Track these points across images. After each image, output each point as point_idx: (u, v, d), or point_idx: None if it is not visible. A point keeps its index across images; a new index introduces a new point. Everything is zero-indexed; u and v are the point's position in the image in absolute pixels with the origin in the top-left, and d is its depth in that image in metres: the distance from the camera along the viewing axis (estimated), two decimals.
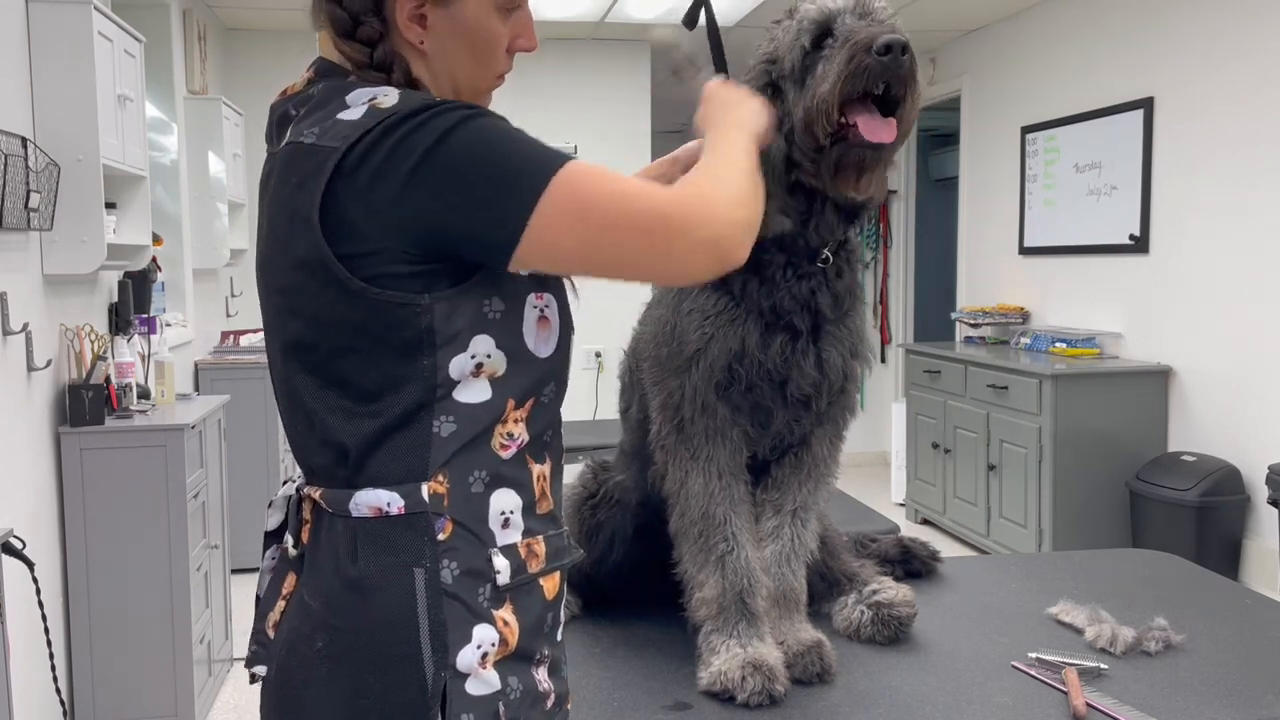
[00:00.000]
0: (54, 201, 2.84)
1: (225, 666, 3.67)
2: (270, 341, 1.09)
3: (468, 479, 1.03)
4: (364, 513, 1.01)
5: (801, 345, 1.41)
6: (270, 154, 1.10)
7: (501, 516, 1.04)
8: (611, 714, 1.33)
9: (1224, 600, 1.73)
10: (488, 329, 1.02)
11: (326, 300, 0.99)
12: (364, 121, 0.98)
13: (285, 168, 1.03)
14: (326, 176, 0.97)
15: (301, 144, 1.01)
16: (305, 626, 1.03)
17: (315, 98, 1.05)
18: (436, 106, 0.98)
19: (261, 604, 1.12)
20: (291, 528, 1.10)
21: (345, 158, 0.97)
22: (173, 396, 3.57)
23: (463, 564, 1.01)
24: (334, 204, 0.97)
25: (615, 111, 6.15)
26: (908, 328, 7.10)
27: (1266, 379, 4.05)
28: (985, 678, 1.42)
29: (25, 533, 2.65)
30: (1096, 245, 4.97)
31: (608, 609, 1.66)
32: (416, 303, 0.98)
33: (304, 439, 1.07)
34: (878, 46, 1.23)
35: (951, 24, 5.82)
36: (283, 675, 1.04)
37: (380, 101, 1.00)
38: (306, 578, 1.05)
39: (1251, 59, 4.07)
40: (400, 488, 1.01)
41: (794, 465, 1.50)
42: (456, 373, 1.01)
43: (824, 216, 1.39)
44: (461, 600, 1.00)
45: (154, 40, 4.26)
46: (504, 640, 1.02)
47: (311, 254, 0.99)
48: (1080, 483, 4.49)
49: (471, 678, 0.99)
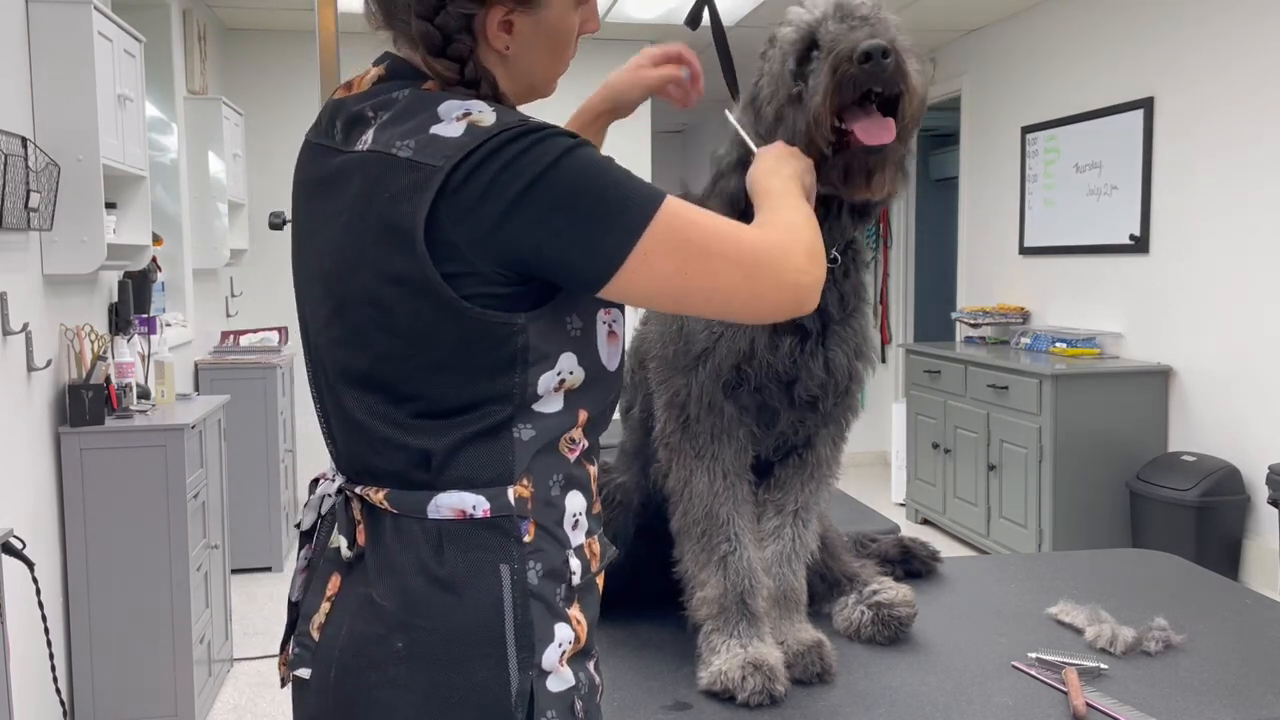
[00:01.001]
0: (54, 201, 2.85)
1: (225, 666, 3.67)
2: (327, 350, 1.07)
3: (548, 482, 1.05)
4: (445, 515, 1.02)
5: (810, 346, 1.41)
6: (325, 148, 1.08)
7: (573, 518, 1.08)
8: (611, 714, 1.33)
9: (1224, 600, 1.73)
10: (571, 346, 1.05)
11: (423, 317, 0.99)
12: (465, 141, 0.98)
13: (374, 178, 1.01)
14: (431, 195, 0.96)
15: (395, 156, 0.99)
16: (377, 628, 1.01)
17: (400, 104, 1.03)
18: (539, 131, 0.99)
19: (303, 606, 1.11)
20: (343, 529, 1.08)
21: (450, 177, 0.96)
22: (173, 396, 3.57)
23: (546, 565, 1.03)
24: (434, 223, 0.97)
25: None
26: (908, 328, 7.10)
27: (1266, 379, 4.05)
28: (985, 678, 1.42)
29: (25, 533, 2.65)
30: (1096, 245, 4.97)
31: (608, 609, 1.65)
32: (513, 322, 1.00)
33: (360, 441, 1.06)
34: (857, 55, 1.24)
35: (951, 24, 5.82)
36: (348, 678, 1.02)
37: (479, 119, 1.00)
38: (375, 580, 1.03)
39: (1251, 59, 4.07)
40: (486, 490, 1.02)
41: (797, 466, 1.50)
42: (543, 389, 1.03)
43: (839, 220, 1.40)
44: (544, 600, 1.02)
45: (154, 40, 4.26)
46: (577, 637, 1.05)
47: (412, 270, 0.98)
48: (1080, 483, 4.49)
49: (553, 675, 1.02)
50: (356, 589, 1.05)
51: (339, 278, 1.04)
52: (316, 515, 1.13)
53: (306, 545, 1.14)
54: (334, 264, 1.05)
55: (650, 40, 6.11)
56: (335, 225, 1.04)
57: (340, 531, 1.08)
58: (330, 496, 1.11)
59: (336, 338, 1.06)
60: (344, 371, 1.06)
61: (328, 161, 1.07)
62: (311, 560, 1.13)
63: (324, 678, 1.05)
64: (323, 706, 1.05)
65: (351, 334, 1.04)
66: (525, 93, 1.13)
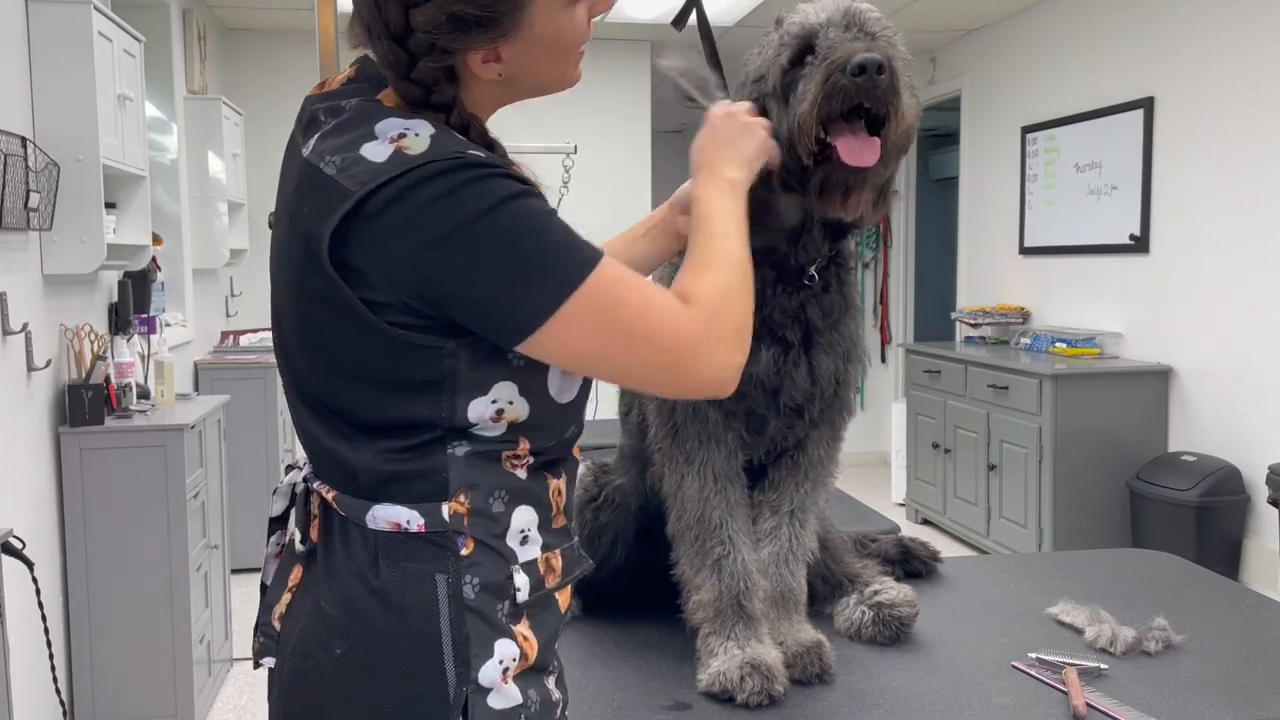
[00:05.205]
0: (54, 201, 2.84)
1: (225, 666, 3.67)
2: (279, 349, 1.07)
3: (488, 498, 1.01)
4: (381, 526, 1.00)
5: (793, 356, 1.40)
6: (294, 145, 1.05)
7: (521, 533, 1.03)
8: (611, 714, 1.33)
9: (1224, 600, 1.73)
10: (511, 376, 1.00)
11: (343, 334, 0.97)
12: (385, 168, 0.92)
13: (301, 188, 0.98)
14: (337, 219, 0.93)
15: (320, 171, 0.96)
16: (321, 631, 1.01)
17: (346, 114, 1.00)
18: (477, 168, 0.93)
19: (267, 594, 1.11)
20: (299, 521, 1.07)
21: (361, 205, 0.92)
22: (172, 396, 3.57)
23: (483, 580, 1.00)
24: (342, 246, 0.94)
25: (615, 111, 6.15)
26: (908, 328, 7.10)
27: (1266, 379, 4.04)
28: (985, 678, 1.42)
29: (25, 533, 2.65)
30: (1096, 245, 4.97)
31: (608, 609, 1.66)
32: (441, 345, 0.96)
33: (313, 443, 1.05)
34: (851, 67, 1.21)
35: (951, 24, 5.82)
36: (296, 679, 1.03)
37: (408, 144, 0.94)
38: (322, 582, 1.03)
39: (1251, 59, 4.07)
40: (420, 506, 0.99)
41: (790, 467, 1.49)
42: (475, 416, 0.99)
43: (810, 235, 1.37)
44: (482, 615, 0.99)
45: (154, 40, 4.26)
46: (524, 654, 1.02)
47: (327, 288, 0.95)
48: (1080, 483, 4.49)
49: (494, 692, 0.99)
50: (311, 586, 1.04)
51: (277, 286, 1.04)
52: (286, 502, 1.12)
53: (278, 530, 1.13)
54: (275, 267, 1.04)
55: (650, 40, 6.11)
56: (282, 225, 1.03)
57: (296, 524, 1.07)
58: (299, 485, 1.09)
59: (283, 342, 1.05)
60: (289, 375, 1.06)
61: (291, 159, 1.05)
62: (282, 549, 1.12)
63: (280, 672, 1.06)
64: (279, 699, 1.06)
65: (289, 341, 1.03)
66: (542, 92, 1.09)
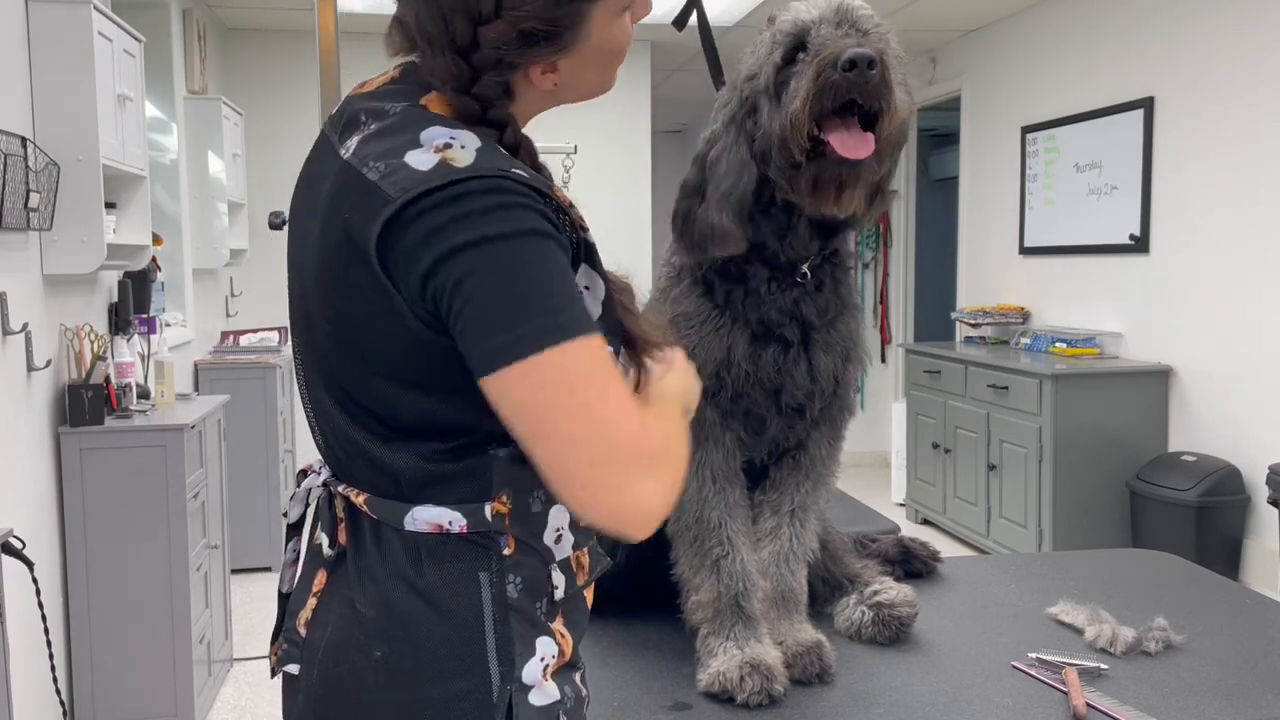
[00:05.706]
0: (54, 201, 2.84)
1: (225, 666, 3.67)
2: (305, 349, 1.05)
3: (528, 498, 1.02)
4: (422, 528, 0.99)
5: (793, 355, 1.40)
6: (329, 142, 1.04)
7: (555, 532, 1.04)
8: (611, 714, 1.33)
9: (1224, 600, 1.73)
10: None
11: (387, 336, 0.96)
12: (430, 177, 0.92)
13: (341, 191, 0.98)
14: (380, 224, 0.92)
15: (363, 176, 0.95)
16: (358, 634, 1.00)
17: (390, 118, 0.99)
18: (513, 194, 0.92)
19: (290, 601, 1.10)
20: (325, 526, 1.06)
21: (401, 211, 0.92)
22: (172, 396, 3.57)
23: (525, 578, 1.01)
24: (380, 249, 0.93)
25: (615, 111, 6.14)
26: (908, 328, 7.10)
27: (1266, 379, 4.04)
28: (985, 678, 1.42)
29: (25, 533, 2.65)
30: (1096, 245, 4.97)
31: (608, 609, 1.66)
32: None
33: (340, 446, 1.04)
34: (843, 62, 1.21)
35: (951, 24, 5.82)
36: (328, 683, 1.02)
37: (454, 156, 0.93)
38: (355, 585, 1.02)
39: (1251, 59, 4.07)
40: (462, 507, 0.99)
41: (791, 466, 1.50)
42: None
43: (797, 233, 1.37)
44: (525, 614, 1.00)
45: (154, 40, 4.26)
46: (561, 651, 1.03)
47: (373, 286, 0.94)
48: (1080, 483, 4.49)
49: (535, 689, 1.00)
50: (340, 590, 1.04)
51: (305, 285, 1.02)
52: (303, 507, 1.11)
53: (295, 537, 1.12)
54: (303, 266, 1.03)
55: (650, 40, 6.11)
56: (314, 224, 1.02)
57: (322, 529, 1.07)
58: (317, 489, 1.08)
59: (312, 342, 1.04)
60: (322, 377, 1.04)
61: (325, 158, 1.04)
62: (301, 554, 1.11)
63: (308, 677, 1.04)
64: (307, 706, 1.05)
65: (319, 341, 1.02)
66: (583, 99, 1.09)
